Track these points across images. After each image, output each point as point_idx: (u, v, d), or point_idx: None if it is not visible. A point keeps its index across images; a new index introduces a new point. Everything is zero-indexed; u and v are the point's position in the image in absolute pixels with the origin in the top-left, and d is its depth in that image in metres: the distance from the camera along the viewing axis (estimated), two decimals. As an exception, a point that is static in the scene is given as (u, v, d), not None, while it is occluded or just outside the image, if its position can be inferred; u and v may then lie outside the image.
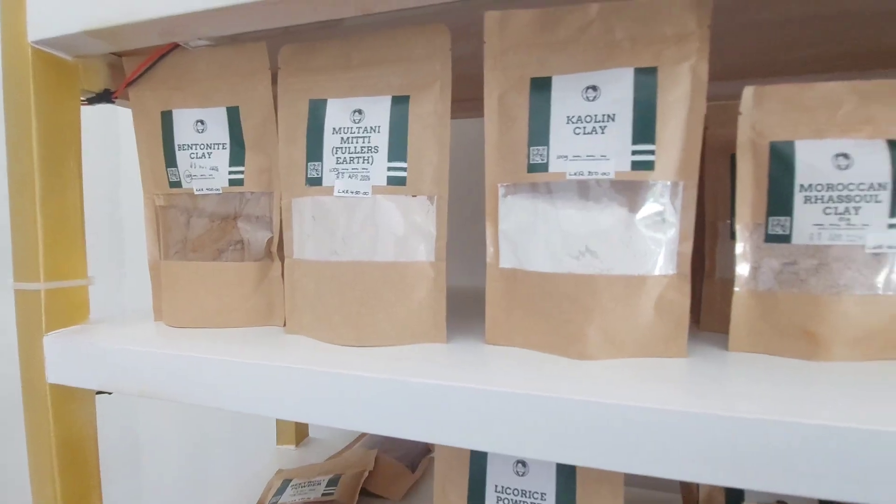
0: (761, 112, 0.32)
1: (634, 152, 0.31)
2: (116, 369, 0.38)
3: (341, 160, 0.36)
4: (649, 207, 0.31)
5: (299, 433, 0.76)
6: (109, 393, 0.41)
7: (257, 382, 0.33)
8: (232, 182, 0.40)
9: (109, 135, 0.87)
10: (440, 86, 0.35)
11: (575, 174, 0.32)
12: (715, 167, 0.38)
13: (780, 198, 0.32)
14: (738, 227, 0.33)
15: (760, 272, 0.33)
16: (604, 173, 0.31)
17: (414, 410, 0.29)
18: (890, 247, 0.30)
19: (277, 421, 0.75)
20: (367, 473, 0.60)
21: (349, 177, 0.35)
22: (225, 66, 0.39)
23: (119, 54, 0.43)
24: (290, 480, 0.60)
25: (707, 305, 0.39)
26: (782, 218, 0.32)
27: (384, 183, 0.35)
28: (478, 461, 0.38)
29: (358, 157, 0.35)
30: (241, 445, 0.88)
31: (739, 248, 0.33)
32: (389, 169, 0.35)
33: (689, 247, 0.32)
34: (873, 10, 0.37)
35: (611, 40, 0.32)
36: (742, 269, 0.33)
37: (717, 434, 0.24)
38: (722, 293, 0.38)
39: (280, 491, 0.58)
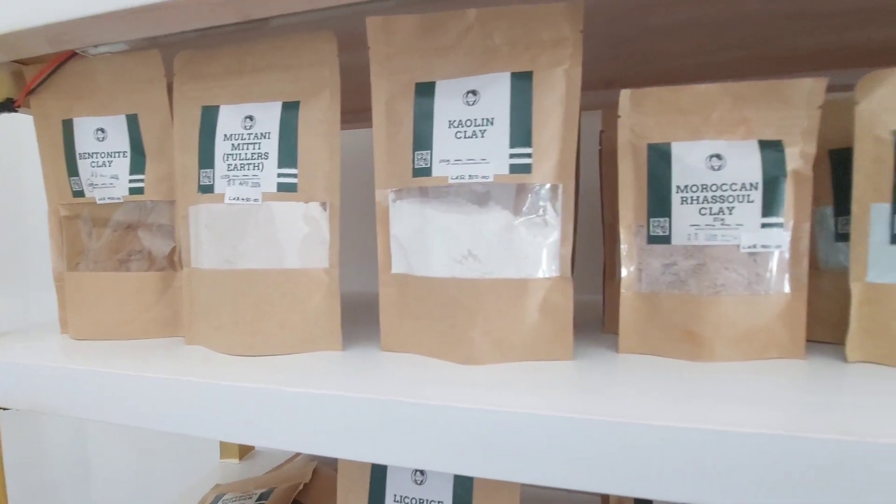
0: (639, 114, 0.32)
1: (512, 155, 0.31)
2: (9, 384, 0.37)
3: (232, 167, 0.35)
4: (530, 211, 0.31)
5: (243, 447, 0.75)
6: (6, 409, 0.40)
7: (143, 394, 0.32)
8: (132, 191, 0.40)
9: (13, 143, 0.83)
10: (329, 93, 0.35)
11: (456, 178, 0.32)
12: (612, 170, 0.38)
13: (659, 199, 0.32)
14: (622, 229, 0.33)
15: (644, 274, 0.33)
16: (483, 177, 0.31)
17: (299, 422, 0.28)
18: (764, 246, 0.30)
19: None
20: (301, 486, 0.59)
21: (240, 184, 0.35)
22: (121, 74, 0.39)
23: (23, 62, 0.42)
24: (224, 495, 0.59)
25: (609, 308, 0.39)
26: (662, 219, 0.32)
27: (274, 189, 0.35)
28: (378, 470, 0.37)
29: (248, 164, 0.35)
30: (185, 461, 0.86)
31: (624, 249, 0.33)
32: (280, 175, 0.35)
33: (570, 249, 0.32)
34: (769, 11, 0.37)
35: (490, 45, 0.32)
36: (627, 270, 0.33)
37: (592, 439, 0.23)
38: (621, 296, 0.38)
39: (209, 506, 0.56)
